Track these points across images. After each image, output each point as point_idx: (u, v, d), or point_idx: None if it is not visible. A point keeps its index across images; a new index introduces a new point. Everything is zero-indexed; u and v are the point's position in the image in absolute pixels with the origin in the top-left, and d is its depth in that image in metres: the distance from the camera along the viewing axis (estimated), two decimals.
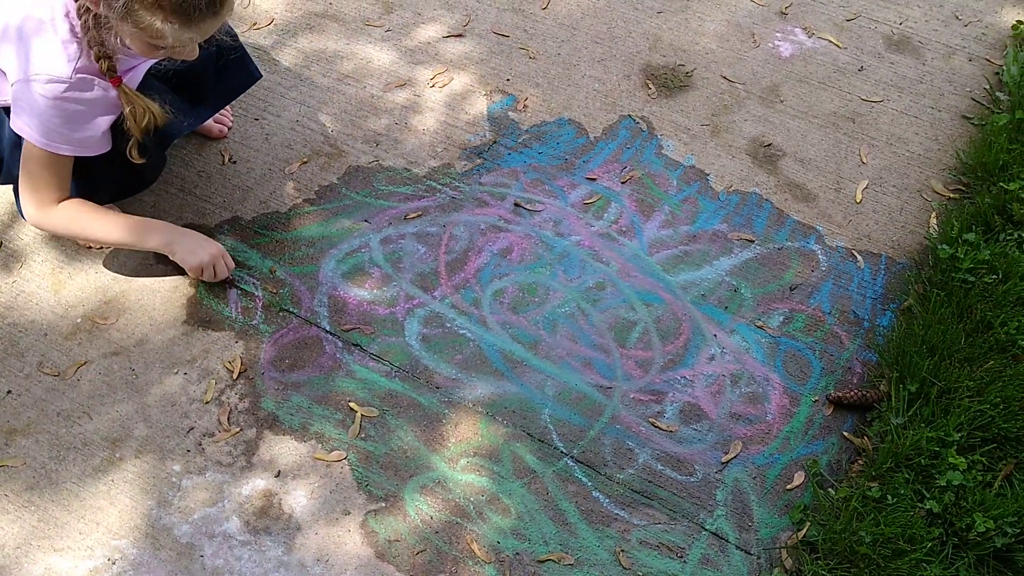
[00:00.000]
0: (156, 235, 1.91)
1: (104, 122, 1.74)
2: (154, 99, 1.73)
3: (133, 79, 1.77)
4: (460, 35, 2.51)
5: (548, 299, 2.00)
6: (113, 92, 1.70)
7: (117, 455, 1.74)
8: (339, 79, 2.38)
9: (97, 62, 1.65)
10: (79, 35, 1.64)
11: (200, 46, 1.70)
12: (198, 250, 1.91)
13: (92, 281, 1.98)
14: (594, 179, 2.20)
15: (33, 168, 1.76)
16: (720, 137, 2.30)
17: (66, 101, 1.66)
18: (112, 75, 1.67)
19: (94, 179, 1.87)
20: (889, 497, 1.66)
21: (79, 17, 1.62)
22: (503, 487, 1.73)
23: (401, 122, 2.30)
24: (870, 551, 1.59)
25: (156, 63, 1.81)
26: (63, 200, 1.83)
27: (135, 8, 1.49)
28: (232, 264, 1.96)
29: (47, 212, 1.82)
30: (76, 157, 1.77)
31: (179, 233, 1.92)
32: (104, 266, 1.99)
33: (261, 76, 2.08)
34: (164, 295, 1.96)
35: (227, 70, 1.99)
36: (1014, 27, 2.55)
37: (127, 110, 1.70)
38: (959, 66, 2.48)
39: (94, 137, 1.74)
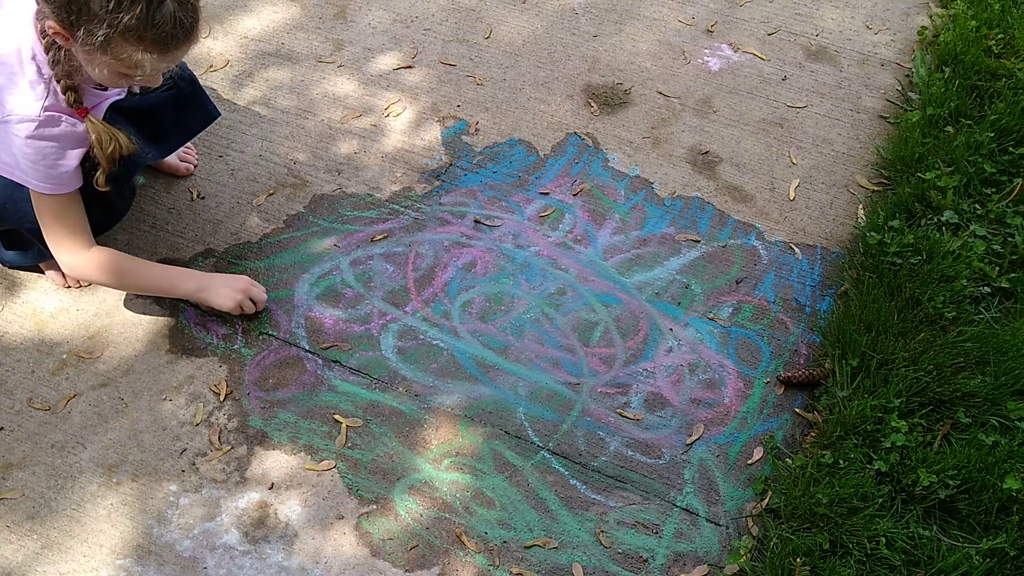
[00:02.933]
0: (187, 282, 2.00)
1: (74, 156, 1.80)
2: (119, 129, 1.82)
3: (96, 114, 1.85)
4: (410, 66, 2.64)
5: (514, 307, 2.12)
6: (81, 127, 1.77)
7: (114, 480, 1.81)
8: (298, 114, 2.50)
9: (64, 94, 1.73)
10: (45, 75, 1.72)
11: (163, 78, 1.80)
12: (229, 291, 1.99)
13: (74, 318, 2.05)
14: (547, 193, 2.34)
15: (46, 219, 1.84)
16: (661, 148, 2.47)
17: (37, 139, 1.74)
18: (79, 107, 1.75)
19: None
20: (841, 462, 1.81)
21: (47, 53, 1.70)
22: (486, 482, 1.84)
23: (361, 151, 2.42)
24: (828, 511, 1.73)
25: (118, 100, 1.90)
26: (92, 246, 1.90)
27: (116, 40, 1.58)
28: (263, 289, 2.05)
29: (79, 258, 1.89)
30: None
31: (207, 279, 2.01)
32: (85, 303, 2.07)
33: (219, 115, 2.18)
34: (146, 327, 2.03)
35: (185, 110, 2.09)
36: (919, 32, 2.78)
37: (93, 138, 1.77)
38: (873, 71, 2.69)
39: (67, 172, 1.81)
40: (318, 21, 2.77)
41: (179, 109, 2.07)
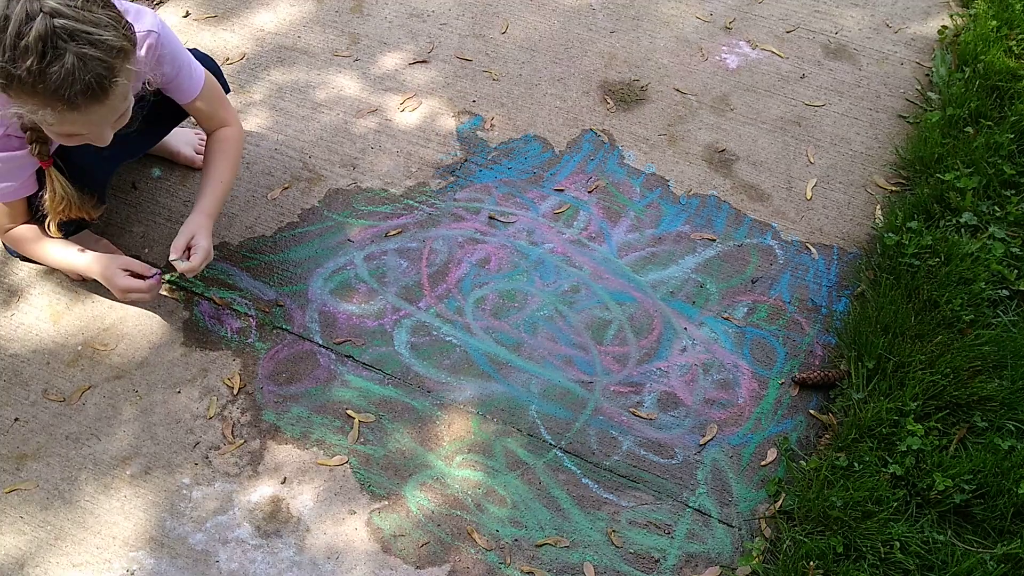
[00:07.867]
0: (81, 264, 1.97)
1: (24, 172, 1.83)
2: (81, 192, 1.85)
3: None
4: (425, 61, 2.64)
5: (527, 304, 2.12)
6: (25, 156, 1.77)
7: (128, 472, 1.82)
8: (313, 108, 2.50)
9: (30, 145, 1.75)
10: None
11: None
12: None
13: (89, 310, 2.05)
14: (562, 190, 2.33)
15: None
16: (677, 145, 2.45)
17: None
18: (44, 158, 1.78)
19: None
20: (856, 465, 1.80)
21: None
22: (498, 479, 1.84)
23: (375, 146, 2.41)
24: (842, 514, 1.72)
25: None
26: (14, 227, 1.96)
27: (14, 89, 1.52)
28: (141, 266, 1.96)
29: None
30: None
31: (94, 262, 1.96)
32: (100, 295, 2.07)
33: (229, 91, 2.16)
34: (160, 320, 2.04)
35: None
36: (940, 32, 2.75)
37: (48, 193, 1.81)
38: (892, 70, 2.67)
39: (12, 186, 1.83)
40: (334, 15, 2.76)
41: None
